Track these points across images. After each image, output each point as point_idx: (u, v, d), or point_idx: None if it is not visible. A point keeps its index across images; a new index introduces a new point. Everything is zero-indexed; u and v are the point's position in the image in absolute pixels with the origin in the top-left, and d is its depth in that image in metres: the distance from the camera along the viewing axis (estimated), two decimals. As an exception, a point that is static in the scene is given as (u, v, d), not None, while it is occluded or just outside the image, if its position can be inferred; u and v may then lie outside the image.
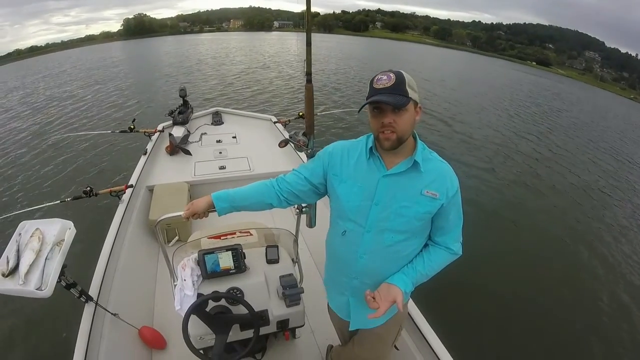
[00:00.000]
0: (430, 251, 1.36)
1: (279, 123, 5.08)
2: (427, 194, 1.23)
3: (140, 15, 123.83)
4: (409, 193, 1.25)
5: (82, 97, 13.83)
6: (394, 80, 1.13)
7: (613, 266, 5.19)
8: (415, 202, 1.24)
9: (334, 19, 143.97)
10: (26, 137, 9.29)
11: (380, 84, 1.14)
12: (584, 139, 13.24)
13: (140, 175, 3.59)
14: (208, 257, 1.67)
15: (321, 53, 33.58)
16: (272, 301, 1.80)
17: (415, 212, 1.25)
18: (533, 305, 4.08)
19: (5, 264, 1.58)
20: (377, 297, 1.25)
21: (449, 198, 1.25)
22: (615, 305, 4.39)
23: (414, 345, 2.07)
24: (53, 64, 29.83)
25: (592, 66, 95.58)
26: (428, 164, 1.26)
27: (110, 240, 2.55)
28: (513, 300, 4.12)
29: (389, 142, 1.19)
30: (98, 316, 1.94)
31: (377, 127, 1.19)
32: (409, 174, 1.25)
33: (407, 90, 1.14)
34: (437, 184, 1.24)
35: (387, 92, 1.13)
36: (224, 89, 15.11)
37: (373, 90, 1.16)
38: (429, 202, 1.24)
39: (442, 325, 2.07)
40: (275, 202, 1.46)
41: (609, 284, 4.77)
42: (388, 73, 1.16)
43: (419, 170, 1.24)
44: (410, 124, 1.19)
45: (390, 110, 1.15)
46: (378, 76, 1.17)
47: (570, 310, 4.14)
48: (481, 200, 6.65)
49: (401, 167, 1.25)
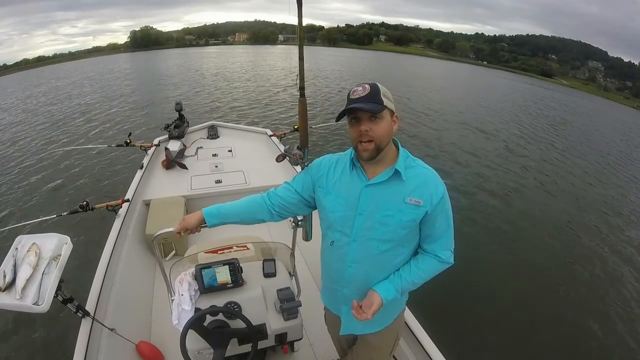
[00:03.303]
0: (419, 259, 1.36)
1: (275, 136, 5.10)
2: (410, 201, 1.24)
3: (146, 27, 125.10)
4: (392, 202, 1.26)
5: (81, 111, 13.93)
6: (369, 90, 1.18)
7: (617, 277, 5.15)
8: (399, 211, 1.25)
9: (338, 33, 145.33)
10: (23, 151, 9.36)
11: (356, 94, 1.19)
12: (593, 149, 13.31)
13: (136, 189, 3.60)
14: (205, 271, 1.67)
15: (322, 65, 34.02)
16: (270, 315, 1.79)
17: (399, 221, 1.26)
18: (533, 314, 4.07)
19: (2, 279, 1.57)
20: (364, 305, 1.29)
21: (433, 205, 1.24)
22: (618, 311, 4.38)
23: (413, 355, 2.05)
24: (51, 76, 30.31)
25: (596, 76, 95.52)
26: (411, 172, 1.27)
27: (107, 254, 2.54)
28: (513, 307, 4.11)
29: (366, 152, 1.22)
30: (95, 331, 1.93)
31: (355, 136, 1.23)
32: (391, 183, 1.26)
33: (382, 99, 1.19)
34: (421, 190, 1.24)
35: (361, 100, 1.17)
36: (226, 102, 15.22)
37: (350, 101, 1.21)
38: (413, 209, 1.24)
39: (440, 335, 2.05)
40: (267, 217, 1.50)
41: (612, 294, 4.73)
42: (363, 85, 1.21)
43: (400, 178, 1.25)
44: (387, 132, 1.22)
45: (366, 119, 1.19)
46: (354, 88, 1.22)
47: (573, 319, 4.13)
48: (489, 210, 6.67)
49: (382, 176, 1.26)
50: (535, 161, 10.39)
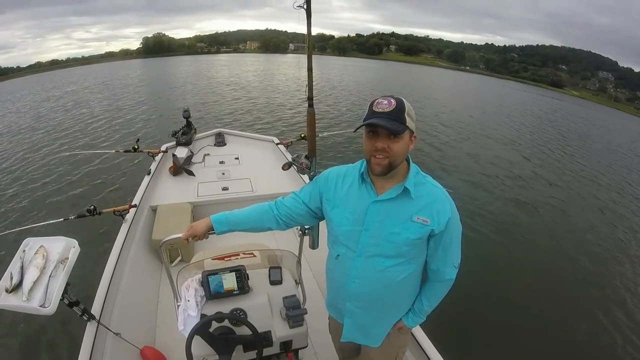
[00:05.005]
0: (426, 289, 1.45)
1: (282, 144, 5.12)
2: (418, 220, 1.23)
3: (159, 34, 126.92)
4: (399, 219, 1.24)
5: (91, 117, 14.05)
6: (394, 106, 1.14)
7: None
8: (405, 229, 1.24)
9: (348, 42, 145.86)
10: (32, 154, 9.46)
11: (380, 108, 1.15)
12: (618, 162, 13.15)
13: (143, 195, 3.62)
14: (212, 278, 1.68)
15: (332, 75, 34.16)
16: (275, 322, 1.78)
17: (405, 239, 1.24)
18: (541, 322, 4.01)
19: (9, 280, 1.59)
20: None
21: (440, 224, 1.23)
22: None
23: None
24: (63, 80, 30.74)
25: (606, 86, 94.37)
26: (420, 189, 1.25)
27: (114, 259, 2.56)
28: (519, 316, 4.05)
29: (379, 167, 1.19)
30: (100, 335, 1.94)
31: (370, 149, 1.20)
32: (399, 200, 1.25)
33: (406, 118, 1.15)
34: (429, 210, 1.23)
35: (385, 116, 1.13)
36: (233, 110, 15.29)
37: (372, 112, 1.16)
38: (419, 228, 1.23)
39: (446, 345, 2.04)
40: (274, 226, 1.50)
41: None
42: (389, 98, 1.16)
43: (409, 196, 1.23)
44: (403, 151, 1.20)
45: (385, 135, 1.15)
46: (379, 100, 1.17)
47: (587, 330, 4.06)
48: (501, 218, 6.63)
49: (391, 193, 1.25)
50: (562, 174, 10.27)
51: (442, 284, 1.40)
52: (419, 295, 1.46)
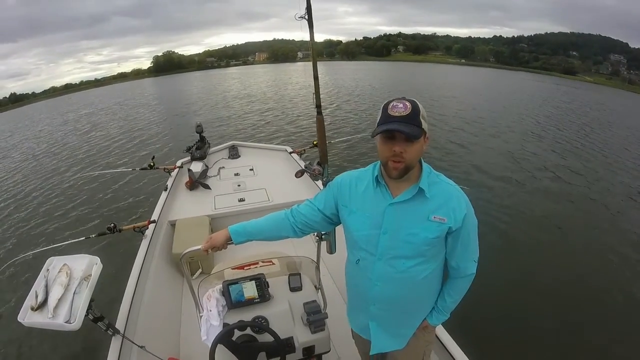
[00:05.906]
0: (448, 285, 1.44)
1: (295, 153, 5.14)
2: (435, 219, 1.23)
3: (169, 52, 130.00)
4: (416, 220, 1.24)
5: (107, 137, 14.43)
6: (410, 109, 1.13)
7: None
8: (423, 229, 1.24)
9: (356, 46, 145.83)
10: (52, 175, 9.81)
11: (396, 112, 1.14)
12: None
13: (162, 210, 3.67)
14: (232, 287, 1.69)
15: (340, 80, 34.23)
16: (297, 328, 1.78)
17: (424, 239, 1.24)
18: (568, 323, 3.87)
19: (34, 299, 1.62)
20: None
21: (457, 221, 1.24)
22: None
23: None
24: (78, 103, 31.68)
25: (619, 69, 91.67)
26: (434, 188, 1.25)
27: (135, 274, 2.60)
28: (547, 317, 3.91)
29: (396, 171, 1.19)
30: (125, 348, 1.96)
31: (386, 154, 1.19)
32: (415, 201, 1.25)
33: (421, 121, 1.15)
34: (445, 208, 1.23)
35: (402, 120, 1.13)
36: (246, 122, 15.44)
37: (387, 116, 1.15)
38: (437, 227, 1.23)
39: (472, 346, 2.00)
40: (291, 234, 1.51)
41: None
42: (403, 101, 1.15)
43: (424, 196, 1.23)
44: (419, 154, 1.20)
45: (403, 139, 1.15)
46: (393, 102, 1.16)
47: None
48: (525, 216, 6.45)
49: (406, 194, 1.25)
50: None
51: (464, 279, 1.40)
52: (441, 292, 1.45)
